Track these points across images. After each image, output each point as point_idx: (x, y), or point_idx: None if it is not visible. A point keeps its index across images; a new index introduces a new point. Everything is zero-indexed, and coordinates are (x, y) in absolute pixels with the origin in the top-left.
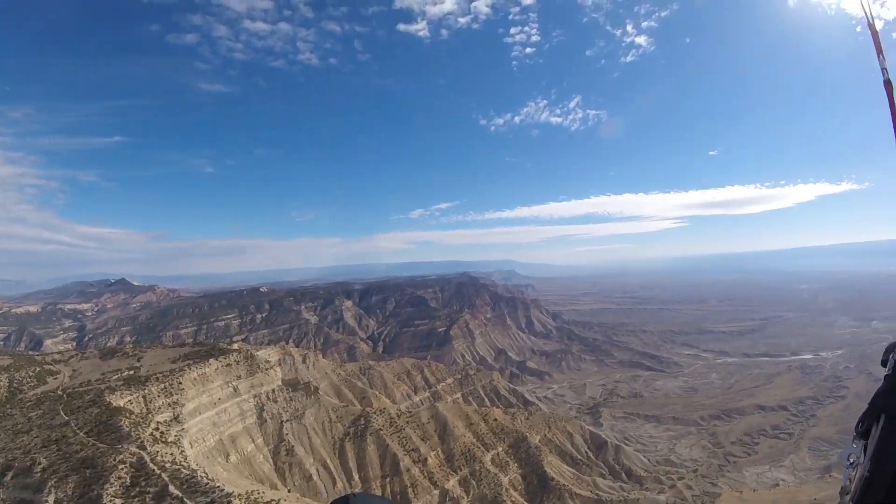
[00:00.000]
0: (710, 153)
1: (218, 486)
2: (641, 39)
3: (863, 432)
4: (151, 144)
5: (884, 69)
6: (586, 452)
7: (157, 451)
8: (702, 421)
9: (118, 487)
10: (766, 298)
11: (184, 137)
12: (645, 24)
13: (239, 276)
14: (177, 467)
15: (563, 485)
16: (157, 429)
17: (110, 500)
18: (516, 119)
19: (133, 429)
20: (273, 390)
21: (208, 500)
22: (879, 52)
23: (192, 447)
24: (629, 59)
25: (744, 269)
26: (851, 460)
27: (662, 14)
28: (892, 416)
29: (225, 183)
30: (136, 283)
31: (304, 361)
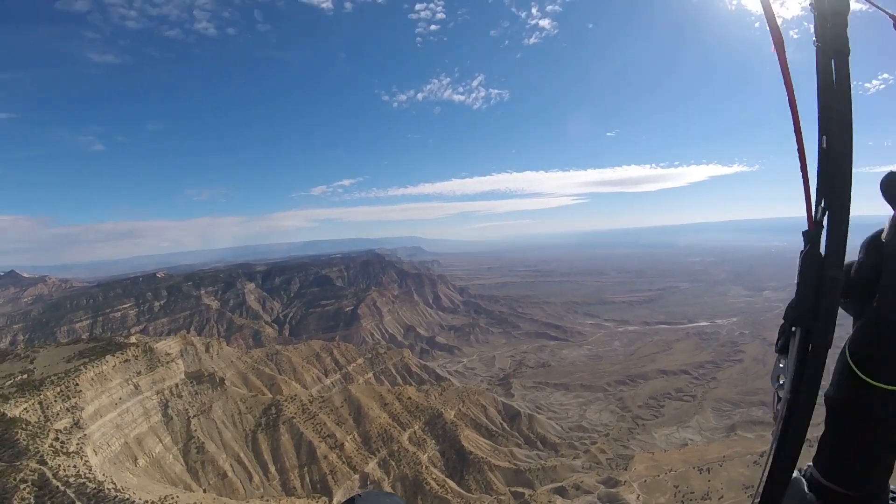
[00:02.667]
0: (608, 134)
1: (127, 498)
2: (545, 23)
3: (781, 348)
4: (38, 121)
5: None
6: (501, 424)
7: (59, 465)
8: (608, 387)
9: None
10: (661, 270)
11: (72, 112)
12: (549, 7)
13: (134, 262)
14: (82, 481)
15: (482, 457)
16: (56, 438)
17: None
18: (419, 96)
19: (31, 441)
20: (176, 384)
21: None
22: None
23: (96, 454)
24: (532, 41)
25: (639, 244)
26: (781, 381)
27: None
28: (805, 329)
29: (116, 160)
30: (25, 275)
31: (207, 350)
